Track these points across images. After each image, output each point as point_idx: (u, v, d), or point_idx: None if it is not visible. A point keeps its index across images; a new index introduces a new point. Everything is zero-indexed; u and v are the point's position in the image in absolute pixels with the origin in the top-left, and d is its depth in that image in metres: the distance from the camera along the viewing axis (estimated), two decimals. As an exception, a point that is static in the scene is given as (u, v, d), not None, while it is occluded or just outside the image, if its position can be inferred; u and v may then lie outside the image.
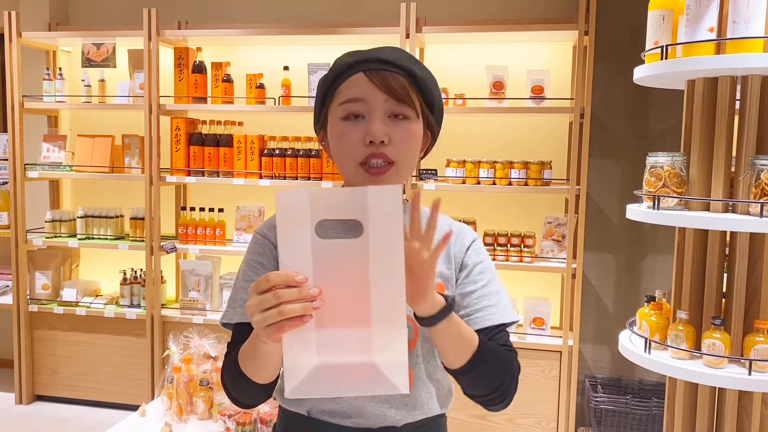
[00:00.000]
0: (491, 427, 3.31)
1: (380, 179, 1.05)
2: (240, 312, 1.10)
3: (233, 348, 1.09)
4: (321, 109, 1.11)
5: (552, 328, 3.37)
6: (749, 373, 1.74)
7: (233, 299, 1.12)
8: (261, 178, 3.50)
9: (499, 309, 1.12)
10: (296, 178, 3.46)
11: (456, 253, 1.15)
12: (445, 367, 1.06)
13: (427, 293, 0.91)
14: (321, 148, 3.37)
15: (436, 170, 3.38)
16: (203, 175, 3.58)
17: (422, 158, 1.16)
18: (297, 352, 0.85)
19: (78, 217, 3.81)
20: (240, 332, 1.09)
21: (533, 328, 3.32)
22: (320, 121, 1.13)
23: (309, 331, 0.84)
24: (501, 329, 1.12)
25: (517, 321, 1.14)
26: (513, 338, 3.18)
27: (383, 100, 1.04)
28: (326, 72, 1.11)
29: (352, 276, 0.83)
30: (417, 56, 2.54)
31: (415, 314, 0.95)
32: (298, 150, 3.47)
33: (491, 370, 1.04)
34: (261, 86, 3.50)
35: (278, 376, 1.04)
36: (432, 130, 1.14)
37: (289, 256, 0.84)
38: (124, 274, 3.76)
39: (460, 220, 1.32)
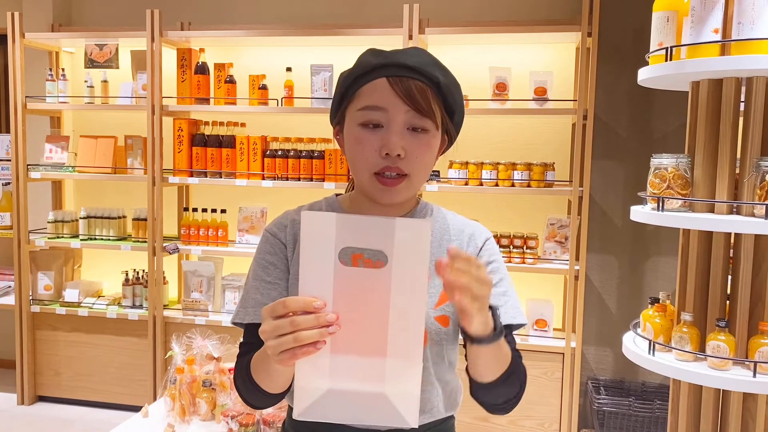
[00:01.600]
0: (494, 429, 3.30)
1: (392, 190, 1.04)
2: (252, 312, 1.10)
3: (246, 349, 1.09)
4: (339, 105, 1.10)
5: (555, 329, 3.37)
6: (754, 375, 1.74)
7: (245, 299, 1.12)
8: (263, 179, 3.49)
9: (506, 310, 1.11)
10: (299, 179, 3.46)
11: (470, 254, 1.14)
12: (470, 378, 1.05)
13: (482, 311, 0.89)
14: (324, 149, 3.43)
15: (438, 171, 3.37)
16: (206, 176, 3.58)
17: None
18: (309, 374, 0.84)
19: (80, 218, 3.81)
20: (252, 333, 1.09)
21: (536, 329, 3.32)
22: (337, 117, 1.12)
23: (323, 356, 0.83)
24: (507, 332, 1.11)
25: (523, 324, 1.13)
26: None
27: (404, 111, 1.02)
28: (350, 68, 1.09)
29: (372, 306, 0.82)
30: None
31: (463, 331, 0.94)
32: (300, 151, 3.47)
33: (516, 382, 1.06)
34: (264, 87, 3.50)
35: (291, 383, 1.04)
36: (450, 134, 1.12)
37: (310, 280, 0.82)
38: (127, 274, 3.76)
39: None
